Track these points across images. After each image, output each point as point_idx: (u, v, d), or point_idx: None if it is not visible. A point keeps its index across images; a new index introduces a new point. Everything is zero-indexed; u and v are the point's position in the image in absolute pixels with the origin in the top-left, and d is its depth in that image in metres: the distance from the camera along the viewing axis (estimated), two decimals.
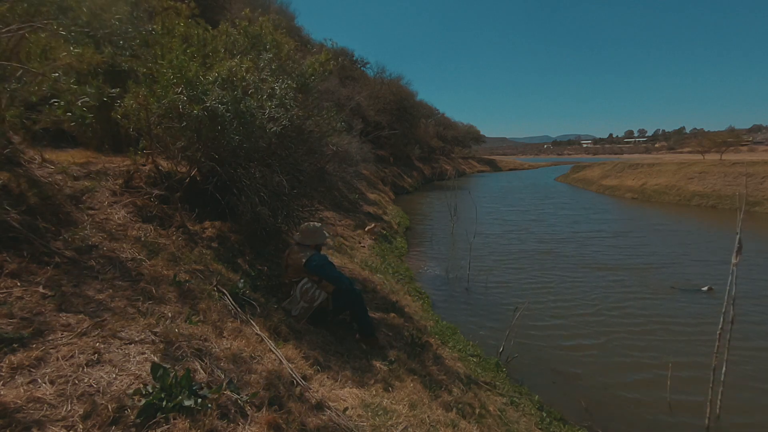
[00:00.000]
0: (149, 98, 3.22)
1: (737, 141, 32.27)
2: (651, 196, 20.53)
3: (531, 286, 7.51)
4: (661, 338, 5.42)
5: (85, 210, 2.93)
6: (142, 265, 2.58)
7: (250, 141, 3.64)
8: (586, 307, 6.45)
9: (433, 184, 30.38)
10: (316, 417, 1.90)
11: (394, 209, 14.94)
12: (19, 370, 1.48)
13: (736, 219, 3.72)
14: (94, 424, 1.34)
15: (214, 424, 1.51)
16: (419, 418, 2.38)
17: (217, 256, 3.41)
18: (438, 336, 4.80)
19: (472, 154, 58.18)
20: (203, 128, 3.46)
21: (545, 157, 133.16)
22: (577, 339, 5.44)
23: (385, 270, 6.95)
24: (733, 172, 18.80)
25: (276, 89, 3.82)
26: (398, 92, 27.62)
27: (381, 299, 5.06)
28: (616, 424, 3.88)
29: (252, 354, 2.23)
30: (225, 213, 3.95)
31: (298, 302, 3.29)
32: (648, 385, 4.40)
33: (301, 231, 3.57)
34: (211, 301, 2.60)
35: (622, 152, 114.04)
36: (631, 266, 8.69)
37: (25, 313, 1.76)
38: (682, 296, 6.89)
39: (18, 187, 2.47)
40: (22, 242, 2.15)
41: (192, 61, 3.38)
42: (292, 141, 4.29)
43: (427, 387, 3.09)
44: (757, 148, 53.10)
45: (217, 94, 3.34)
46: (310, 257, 3.36)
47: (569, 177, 32.77)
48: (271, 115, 3.66)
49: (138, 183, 3.62)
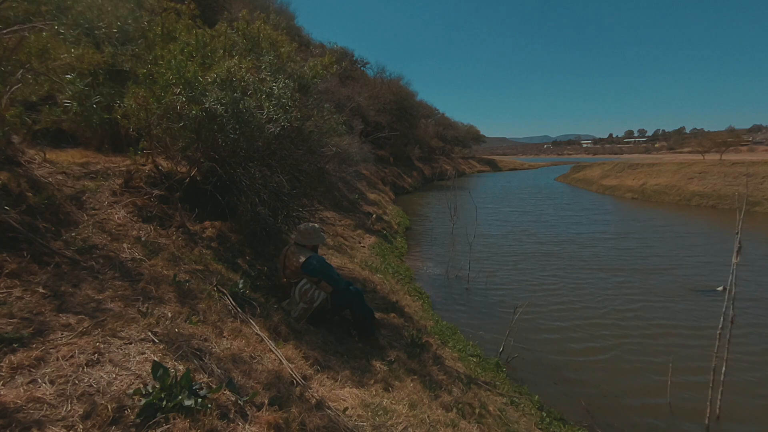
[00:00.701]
0: (149, 98, 3.22)
1: (737, 141, 32.28)
2: (651, 196, 20.53)
3: (531, 286, 7.51)
4: (661, 338, 5.42)
5: (85, 210, 2.93)
6: (142, 265, 2.58)
7: (249, 140, 3.64)
8: (587, 308, 6.45)
9: (433, 184, 30.38)
10: (316, 417, 1.90)
11: (394, 209, 14.93)
12: (19, 370, 1.48)
13: (736, 219, 3.72)
14: (94, 424, 1.34)
15: (214, 424, 1.51)
16: (419, 418, 2.38)
17: (217, 256, 3.41)
18: (438, 336, 4.80)
19: (472, 154, 58.18)
20: (202, 128, 3.46)
21: (545, 157, 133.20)
22: (578, 339, 5.44)
23: (385, 270, 6.95)
24: (733, 172, 18.80)
25: (274, 89, 3.82)
26: (398, 92, 27.61)
27: (381, 299, 5.07)
28: (616, 424, 3.88)
29: (252, 354, 2.23)
30: (225, 213, 3.95)
31: (297, 303, 3.29)
32: (648, 385, 4.40)
33: (299, 231, 3.56)
34: (211, 301, 2.59)
35: (622, 152, 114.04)
36: (633, 267, 8.69)
37: (25, 313, 1.76)
38: (682, 296, 6.89)
39: (18, 187, 2.48)
40: (22, 242, 2.15)
41: (190, 62, 3.38)
42: (292, 141, 4.29)
43: (427, 387, 3.09)
44: (757, 148, 53.10)
45: (216, 95, 3.34)
46: (308, 258, 3.36)
47: (569, 177, 32.77)
48: (270, 116, 3.66)
49: (138, 183, 3.61)
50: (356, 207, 11.55)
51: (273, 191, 3.98)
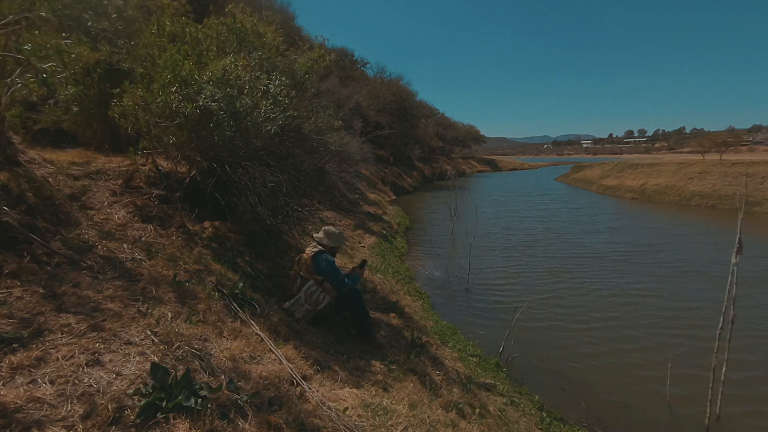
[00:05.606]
0: (147, 98, 3.21)
1: (737, 141, 32.28)
2: (651, 196, 20.53)
3: (531, 286, 7.51)
4: (662, 339, 5.42)
5: (85, 210, 2.93)
6: (141, 265, 2.58)
7: (245, 138, 3.64)
8: (587, 308, 6.44)
9: (433, 184, 30.37)
10: (316, 417, 1.90)
11: (394, 209, 14.93)
12: (19, 370, 1.48)
13: (736, 219, 3.72)
14: (94, 424, 1.34)
15: (214, 424, 1.51)
16: (419, 418, 2.38)
17: (216, 256, 3.40)
18: (438, 336, 4.80)
19: (472, 154, 58.17)
20: (199, 126, 3.46)
21: (545, 157, 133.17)
22: (578, 339, 5.44)
23: (385, 270, 6.95)
24: (733, 172, 18.81)
25: (270, 87, 3.81)
26: (398, 92, 27.60)
27: (381, 299, 5.06)
28: (616, 423, 3.88)
29: (252, 354, 2.23)
30: (225, 213, 3.95)
31: (302, 305, 3.29)
32: (649, 385, 4.40)
33: (326, 232, 3.62)
34: (211, 301, 2.59)
35: (622, 152, 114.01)
36: (633, 267, 8.68)
37: (25, 313, 1.76)
38: (683, 297, 6.89)
39: (18, 187, 2.47)
40: (22, 242, 2.15)
41: (186, 60, 3.38)
42: (290, 140, 4.28)
43: (427, 387, 3.09)
44: (757, 148, 53.10)
45: (210, 92, 3.33)
46: (320, 251, 3.42)
47: (569, 177, 32.77)
48: (267, 115, 3.66)
49: (138, 183, 3.61)
50: (356, 207, 11.54)
51: (272, 191, 3.98)
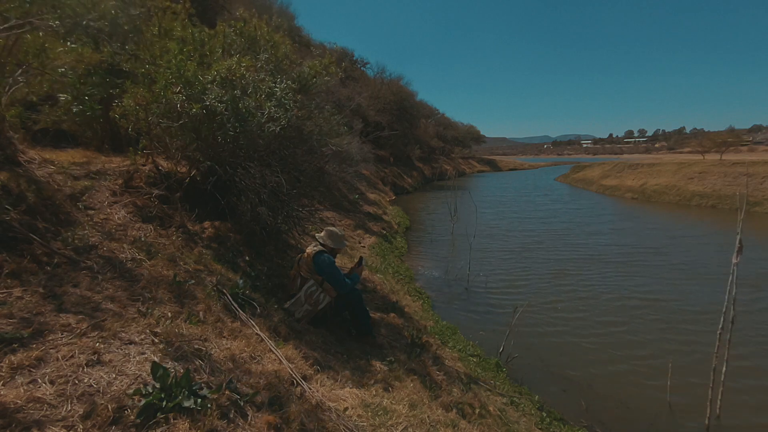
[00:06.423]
0: (148, 98, 3.22)
1: (737, 141, 32.29)
2: (651, 196, 20.52)
3: (531, 286, 7.50)
4: (662, 338, 5.41)
5: (85, 210, 2.93)
6: (142, 265, 2.58)
7: (249, 138, 3.65)
8: (587, 308, 6.44)
9: (433, 184, 30.37)
10: (316, 417, 1.90)
11: (394, 209, 14.93)
12: (19, 370, 1.48)
13: (736, 219, 3.72)
14: (94, 424, 1.34)
15: (214, 424, 1.51)
16: (419, 418, 2.38)
17: (216, 256, 3.40)
18: (438, 336, 4.80)
19: (472, 154, 58.20)
20: (202, 127, 3.47)
21: (545, 157, 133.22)
22: (578, 339, 5.43)
23: (385, 270, 6.95)
24: (733, 172, 18.80)
25: (276, 90, 3.82)
26: (398, 92, 27.61)
27: (381, 299, 5.06)
28: (616, 423, 3.88)
29: (252, 354, 2.23)
30: (225, 213, 3.95)
31: (303, 305, 3.30)
32: (648, 385, 4.40)
33: (329, 233, 3.63)
34: (211, 301, 2.59)
35: (622, 152, 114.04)
36: (634, 267, 8.68)
37: (25, 313, 1.76)
38: (683, 296, 6.88)
39: (18, 187, 2.47)
40: (22, 242, 2.15)
41: (190, 61, 3.39)
42: (291, 141, 4.29)
43: (427, 387, 3.09)
44: (757, 148, 53.11)
45: (216, 93, 3.34)
46: (321, 251, 3.43)
47: (569, 177, 32.77)
48: (270, 116, 3.67)
49: (138, 183, 3.61)
50: (356, 207, 11.54)
51: (273, 191, 3.98)
